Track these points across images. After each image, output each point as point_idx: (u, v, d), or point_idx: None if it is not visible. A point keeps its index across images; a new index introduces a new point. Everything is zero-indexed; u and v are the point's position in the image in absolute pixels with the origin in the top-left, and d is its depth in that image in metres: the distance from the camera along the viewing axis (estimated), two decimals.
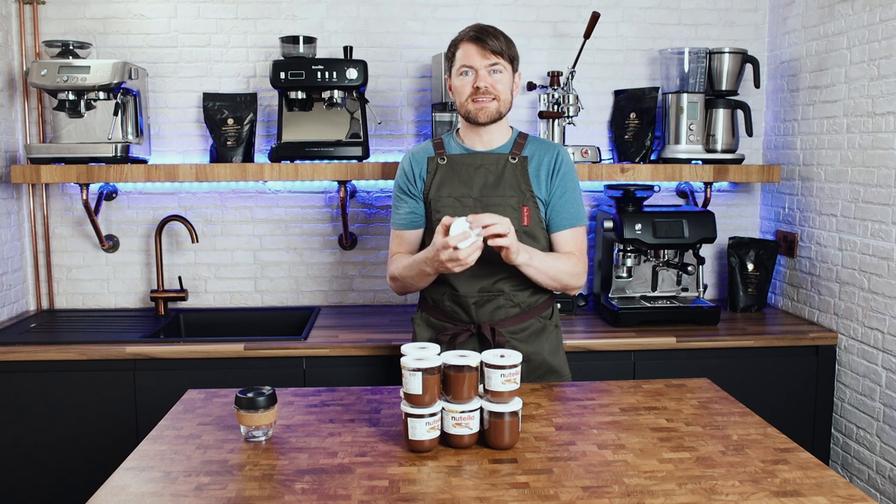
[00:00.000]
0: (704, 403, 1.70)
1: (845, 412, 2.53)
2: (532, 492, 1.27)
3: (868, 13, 2.38)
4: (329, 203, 2.96)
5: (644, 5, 2.95)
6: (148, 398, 2.37)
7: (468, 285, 1.93)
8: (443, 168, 1.97)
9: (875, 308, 2.37)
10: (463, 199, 1.93)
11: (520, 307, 1.96)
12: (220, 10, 2.86)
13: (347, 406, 1.69)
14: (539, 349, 1.98)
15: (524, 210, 1.92)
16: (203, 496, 1.26)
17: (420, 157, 2.01)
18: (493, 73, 1.88)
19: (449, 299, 1.97)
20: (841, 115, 2.52)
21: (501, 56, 1.88)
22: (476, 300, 1.94)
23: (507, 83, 1.91)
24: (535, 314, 1.99)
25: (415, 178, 1.99)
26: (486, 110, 1.89)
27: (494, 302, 1.94)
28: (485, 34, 1.87)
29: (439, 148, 2.01)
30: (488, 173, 1.94)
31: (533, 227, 1.93)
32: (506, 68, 1.90)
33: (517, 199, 1.92)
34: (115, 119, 2.60)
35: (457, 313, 1.97)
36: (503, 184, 1.93)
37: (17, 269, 2.81)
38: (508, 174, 1.93)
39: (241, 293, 2.97)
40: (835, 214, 2.57)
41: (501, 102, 1.90)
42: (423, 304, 2.08)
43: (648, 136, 2.90)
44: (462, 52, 1.90)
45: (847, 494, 1.26)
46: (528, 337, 1.98)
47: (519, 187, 1.93)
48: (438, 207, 1.95)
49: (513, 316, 1.96)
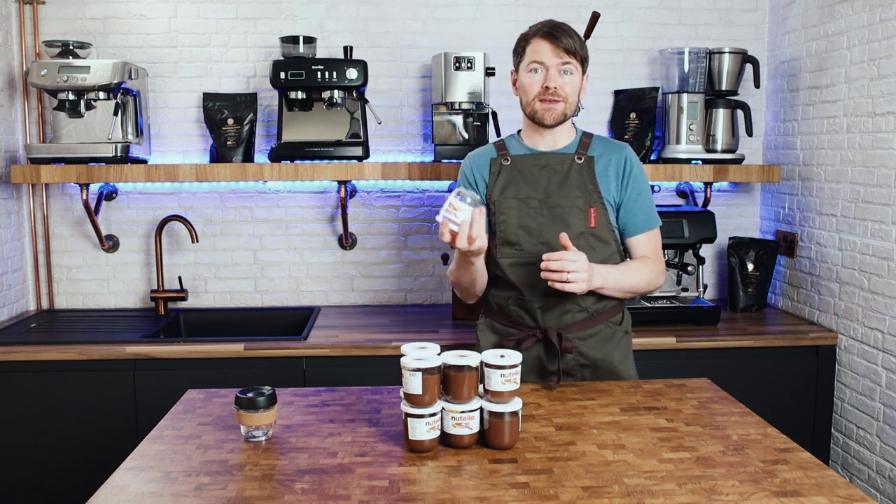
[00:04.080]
0: (704, 403, 1.70)
1: (845, 412, 2.53)
2: (532, 492, 1.27)
3: (868, 13, 2.38)
4: (329, 203, 2.96)
5: (644, 5, 2.95)
6: (148, 398, 2.37)
7: (534, 289, 1.85)
8: (507, 169, 1.90)
9: (875, 308, 2.37)
10: (528, 201, 1.86)
11: (588, 312, 1.88)
12: (220, 10, 2.86)
13: (347, 406, 1.69)
14: (608, 355, 1.90)
15: (591, 211, 1.85)
16: (203, 496, 1.26)
17: (481, 160, 1.94)
18: (563, 73, 1.81)
19: (514, 303, 1.89)
20: (841, 115, 2.52)
21: (574, 56, 1.80)
22: (542, 304, 1.86)
23: (577, 85, 1.84)
24: (604, 319, 1.91)
25: (475, 181, 1.93)
26: (553, 112, 1.82)
27: (561, 307, 1.86)
28: (559, 31, 1.80)
29: (502, 149, 1.93)
30: (553, 174, 1.87)
31: (600, 229, 1.86)
32: (577, 69, 1.82)
33: (584, 201, 1.85)
34: (115, 119, 2.60)
35: (522, 318, 1.90)
36: (569, 184, 1.86)
37: (17, 269, 2.81)
38: (574, 174, 1.86)
39: (241, 293, 2.97)
40: (835, 214, 2.57)
41: (569, 105, 1.83)
42: (488, 310, 2.00)
43: (648, 136, 2.90)
44: (533, 47, 1.82)
45: (847, 494, 1.26)
46: (597, 343, 1.90)
47: (585, 188, 1.86)
48: (503, 209, 1.88)
49: (580, 321, 1.88)
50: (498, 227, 1.88)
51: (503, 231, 1.88)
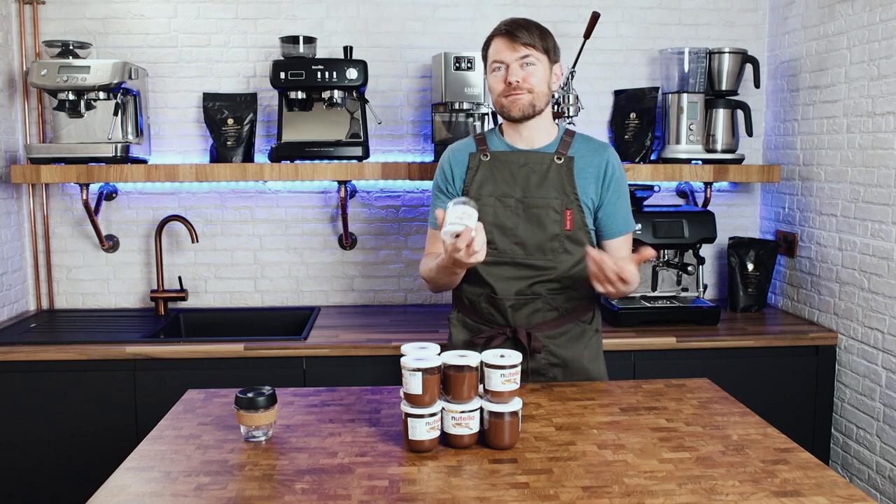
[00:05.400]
0: (704, 403, 1.70)
1: (845, 412, 2.53)
2: (532, 492, 1.27)
3: (868, 13, 2.38)
4: (329, 203, 2.96)
5: (644, 5, 2.95)
6: (148, 398, 2.37)
7: (505, 287, 1.86)
8: (485, 165, 1.88)
9: (875, 308, 2.37)
10: (505, 199, 1.86)
11: (558, 311, 1.89)
12: (220, 10, 2.86)
13: (347, 406, 1.69)
14: (577, 355, 1.91)
15: (567, 213, 1.84)
16: (203, 496, 1.26)
17: (460, 155, 1.92)
18: (525, 65, 1.79)
19: (485, 301, 1.90)
20: (841, 115, 2.52)
21: (533, 47, 1.79)
22: (513, 303, 1.87)
23: (542, 75, 1.81)
24: (574, 318, 1.92)
25: (453, 178, 1.92)
26: (518, 102, 1.80)
27: (532, 305, 1.87)
28: (515, 27, 1.80)
29: (482, 144, 1.92)
30: (532, 173, 1.85)
31: (576, 231, 1.85)
32: (539, 60, 1.80)
33: (560, 202, 1.84)
34: (115, 119, 2.60)
35: (493, 316, 1.91)
36: (547, 185, 1.85)
37: (17, 269, 2.81)
38: (553, 175, 1.85)
39: (241, 293, 2.97)
40: (835, 214, 2.57)
41: (536, 95, 1.80)
42: (459, 304, 2.01)
43: (648, 136, 2.90)
44: (493, 48, 1.83)
45: (847, 494, 1.26)
46: (567, 342, 1.90)
47: (563, 189, 1.84)
48: (479, 207, 1.84)
49: (551, 320, 1.89)
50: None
51: None
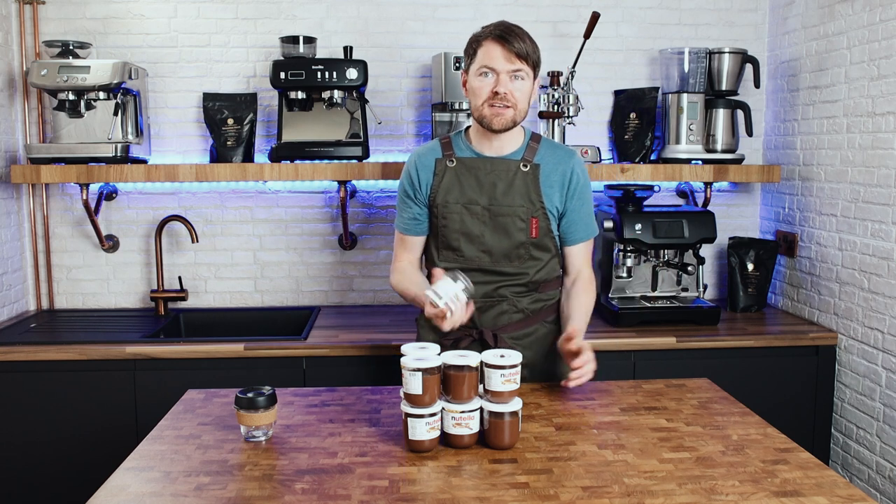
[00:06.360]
0: (704, 403, 1.70)
1: (845, 412, 2.53)
2: (532, 492, 1.27)
3: (868, 13, 2.38)
4: (329, 203, 2.96)
5: (644, 5, 2.95)
6: (148, 398, 2.36)
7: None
8: (451, 171, 1.87)
9: (875, 308, 2.37)
10: (471, 207, 1.86)
11: (523, 313, 1.92)
12: (220, 10, 2.85)
13: (347, 406, 1.69)
14: (543, 356, 1.94)
15: (533, 221, 1.85)
16: (203, 496, 1.26)
17: (426, 160, 1.91)
18: (514, 78, 1.77)
19: None
20: (841, 115, 2.52)
21: (526, 61, 1.76)
22: (479, 306, 1.87)
23: (527, 92, 1.80)
24: (540, 319, 1.94)
25: (419, 184, 1.90)
26: (502, 118, 1.78)
27: (497, 307, 1.90)
28: (510, 34, 1.75)
29: (447, 149, 1.90)
30: (498, 180, 1.85)
31: (541, 238, 1.87)
32: (528, 75, 1.79)
33: (526, 210, 1.85)
34: (115, 119, 2.60)
35: None
36: (513, 192, 1.85)
37: (17, 269, 2.81)
38: (519, 183, 1.85)
39: (241, 293, 2.97)
40: (835, 214, 2.57)
41: (518, 111, 1.80)
42: None
43: (648, 136, 2.90)
44: (484, 51, 1.77)
45: (847, 494, 1.26)
46: (533, 343, 1.92)
47: (529, 197, 1.85)
48: (445, 214, 1.87)
49: (516, 321, 1.92)
50: (440, 230, 1.89)
51: (445, 236, 1.89)
